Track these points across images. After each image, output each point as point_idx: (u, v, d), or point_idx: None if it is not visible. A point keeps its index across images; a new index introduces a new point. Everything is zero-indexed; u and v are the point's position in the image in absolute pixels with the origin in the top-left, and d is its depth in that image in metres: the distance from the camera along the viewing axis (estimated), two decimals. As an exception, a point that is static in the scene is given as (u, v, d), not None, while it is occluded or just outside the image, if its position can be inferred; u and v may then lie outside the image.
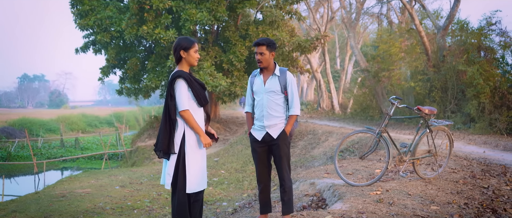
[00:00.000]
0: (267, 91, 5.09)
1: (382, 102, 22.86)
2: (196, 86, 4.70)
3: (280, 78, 5.09)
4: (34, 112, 61.81)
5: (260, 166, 5.24)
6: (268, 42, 5.05)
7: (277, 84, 5.08)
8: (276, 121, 5.09)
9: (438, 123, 6.91)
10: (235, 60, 19.28)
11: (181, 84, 4.62)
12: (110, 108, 74.25)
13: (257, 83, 5.20)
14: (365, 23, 38.83)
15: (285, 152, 5.10)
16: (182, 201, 4.62)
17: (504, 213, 5.49)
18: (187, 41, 4.72)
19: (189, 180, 4.60)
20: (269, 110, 5.08)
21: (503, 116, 14.95)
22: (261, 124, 5.13)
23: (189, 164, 4.62)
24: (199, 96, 4.71)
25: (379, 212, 5.16)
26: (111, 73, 23.31)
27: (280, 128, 5.11)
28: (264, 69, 5.18)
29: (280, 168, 5.12)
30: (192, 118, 4.62)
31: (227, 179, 12.07)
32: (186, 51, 4.70)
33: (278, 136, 5.08)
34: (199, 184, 4.70)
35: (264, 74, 5.19)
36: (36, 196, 10.16)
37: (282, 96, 5.11)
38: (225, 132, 22.51)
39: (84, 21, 20.26)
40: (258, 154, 5.22)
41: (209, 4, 18.37)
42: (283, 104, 5.13)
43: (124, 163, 23.90)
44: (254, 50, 5.11)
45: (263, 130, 5.12)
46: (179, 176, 4.62)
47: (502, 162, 9.41)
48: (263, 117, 5.10)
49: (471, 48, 17.28)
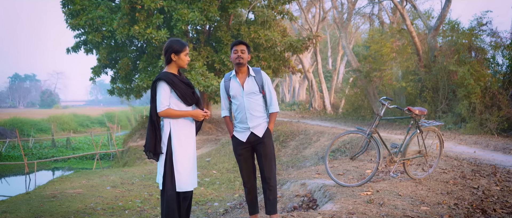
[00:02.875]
0: (247, 94, 5.12)
1: (373, 102, 22.91)
2: (180, 86, 4.70)
3: (256, 78, 5.16)
4: (25, 111, 61.55)
5: (245, 167, 5.27)
6: (247, 43, 5.17)
7: (255, 85, 5.13)
8: (260, 121, 5.14)
9: (428, 123, 6.94)
10: (226, 60, 19.25)
11: (160, 86, 4.66)
12: (101, 108, 74.21)
13: (234, 86, 5.20)
14: (356, 23, 38.93)
15: (270, 150, 5.16)
16: (170, 200, 4.65)
17: (493, 214, 5.52)
18: (179, 44, 4.72)
19: (178, 179, 4.63)
20: (251, 111, 5.11)
21: (493, 116, 15.02)
22: (244, 125, 5.15)
23: (177, 163, 4.64)
24: (184, 96, 4.72)
25: (369, 212, 5.17)
26: (103, 73, 23.23)
27: (264, 127, 5.15)
28: (239, 71, 5.20)
29: (265, 167, 5.14)
30: (172, 111, 4.68)
31: (219, 179, 12.06)
32: (177, 54, 4.72)
33: (263, 134, 5.12)
34: (188, 183, 4.71)
35: (239, 76, 5.21)
36: (27, 197, 10.11)
37: (260, 96, 5.18)
38: (217, 132, 22.49)
39: (75, 21, 20.16)
40: (243, 156, 5.24)
41: (201, 4, 18.34)
42: (262, 103, 5.20)
43: (115, 163, 23.82)
44: (234, 50, 5.13)
45: (247, 131, 5.14)
46: (167, 176, 4.65)
47: (492, 162, 9.45)
48: (247, 119, 5.12)
49: (462, 48, 17.36)
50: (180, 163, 4.65)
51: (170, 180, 4.64)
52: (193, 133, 4.88)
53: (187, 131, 4.78)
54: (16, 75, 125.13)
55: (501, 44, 17.06)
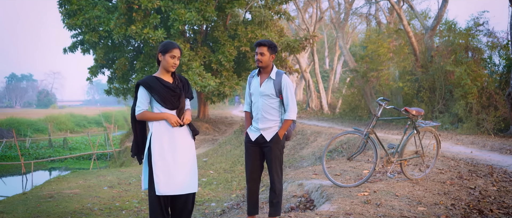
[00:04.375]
0: (262, 95, 5.09)
1: (370, 102, 22.93)
2: (158, 90, 4.67)
3: (275, 81, 5.06)
4: (22, 111, 61.38)
5: (250, 165, 5.24)
6: (270, 43, 5.05)
7: (271, 88, 5.06)
8: (271, 124, 5.10)
9: (425, 124, 6.95)
10: (224, 60, 19.27)
11: (138, 91, 4.72)
12: (98, 108, 74.04)
13: (254, 84, 5.20)
14: (353, 23, 38.91)
15: (277, 155, 5.10)
16: (152, 201, 4.68)
17: (490, 214, 5.53)
18: (167, 45, 4.70)
19: (156, 182, 4.59)
20: (264, 113, 5.09)
21: (490, 116, 15.04)
22: (256, 125, 5.15)
23: (156, 167, 4.61)
24: (163, 100, 4.68)
25: (366, 213, 5.18)
26: (100, 73, 23.25)
27: (274, 131, 5.11)
28: (262, 70, 5.17)
29: (271, 171, 5.13)
30: (148, 114, 4.69)
31: (216, 180, 12.06)
32: (163, 55, 4.71)
33: (271, 139, 5.09)
34: (171, 187, 4.64)
35: (261, 76, 5.18)
36: (23, 197, 10.08)
37: (277, 100, 5.10)
38: (214, 132, 22.49)
39: (72, 21, 20.16)
40: (251, 154, 5.22)
41: (198, 4, 18.34)
42: (278, 108, 5.13)
43: (112, 163, 23.81)
44: (255, 51, 5.08)
45: (258, 131, 5.14)
46: (150, 178, 4.67)
47: (489, 162, 9.47)
48: (258, 119, 5.12)
49: (458, 48, 17.37)
50: (158, 167, 4.61)
51: (152, 183, 4.65)
52: (184, 136, 4.80)
53: (172, 134, 4.70)
54: (12, 75, 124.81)
55: (498, 44, 17.07)
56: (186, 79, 5.02)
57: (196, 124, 22.81)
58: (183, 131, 4.80)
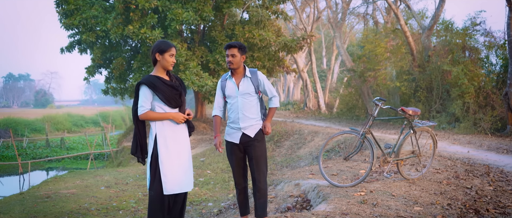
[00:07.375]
0: (241, 94, 5.14)
1: (368, 102, 22.96)
2: (162, 89, 4.70)
3: (252, 79, 5.17)
4: (19, 111, 61.30)
5: (237, 168, 5.29)
6: (239, 45, 5.12)
7: (250, 86, 5.15)
8: (252, 122, 5.16)
9: (422, 123, 6.96)
10: (221, 60, 19.24)
11: (141, 90, 4.70)
12: (96, 108, 74.00)
13: (229, 86, 5.22)
14: (351, 23, 39.00)
15: (262, 151, 5.17)
16: (153, 200, 4.67)
17: (486, 214, 5.54)
18: (164, 44, 4.74)
19: (164, 182, 4.62)
20: (244, 112, 5.13)
21: (487, 115, 15.06)
22: (236, 126, 5.17)
23: (163, 166, 4.63)
24: (167, 99, 4.71)
25: (363, 213, 5.18)
26: (97, 73, 23.19)
27: (257, 128, 5.17)
28: (234, 72, 5.22)
29: (255, 169, 5.15)
30: (152, 114, 4.69)
31: (213, 179, 12.05)
32: (161, 54, 4.73)
33: (255, 135, 5.15)
34: (178, 186, 4.70)
35: (235, 77, 5.23)
36: (20, 197, 10.06)
37: (256, 98, 5.20)
38: (211, 132, 22.47)
39: (69, 21, 20.10)
40: (235, 158, 5.26)
41: (195, 3, 18.32)
42: (257, 105, 5.21)
43: (110, 163, 23.78)
44: (226, 54, 5.13)
45: (238, 131, 5.16)
46: (156, 178, 4.65)
47: (486, 162, 9.48)
48: (239, 119, 5.14)
49: (456, 48, 17.42)
50: (166, 166, 4.64)
51: (158, 183, 4.64)
52: (184, 134, 4.86)
53: (175, 133, 4.76)
54: (10, 75, 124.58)
55: (495, 44, 17.12)
56: (178, 77, 5.05)
57: (194, 123, 22.78)
58: (183, 128, 4.86)
